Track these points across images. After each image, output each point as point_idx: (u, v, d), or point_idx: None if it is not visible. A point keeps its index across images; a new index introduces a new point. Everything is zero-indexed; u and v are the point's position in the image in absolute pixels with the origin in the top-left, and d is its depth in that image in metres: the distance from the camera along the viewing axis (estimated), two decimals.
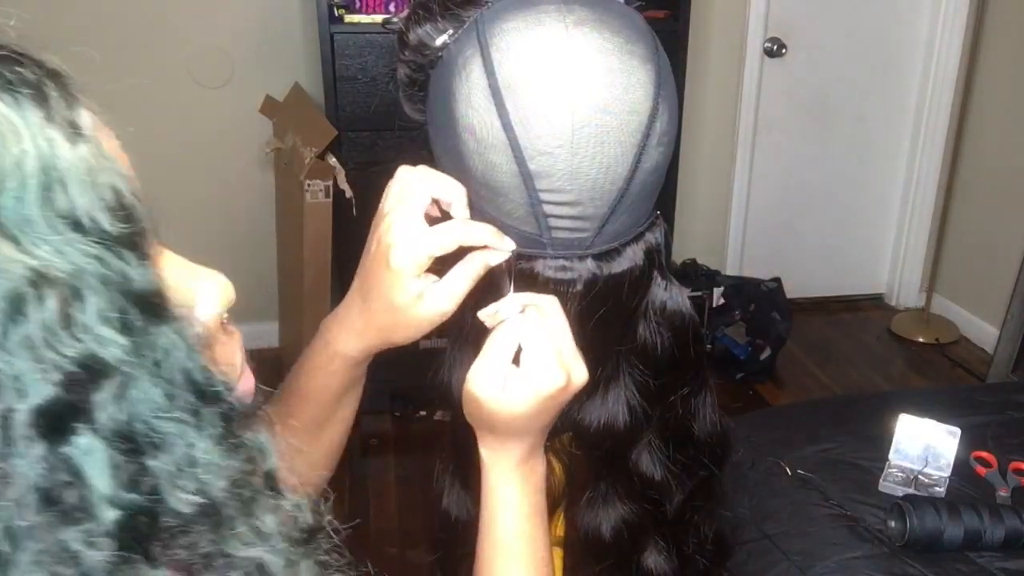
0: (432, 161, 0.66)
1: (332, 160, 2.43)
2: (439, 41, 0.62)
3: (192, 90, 2.86)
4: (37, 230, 0.35)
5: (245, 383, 0.48)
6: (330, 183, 2.42)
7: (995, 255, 3.19)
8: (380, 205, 0.64)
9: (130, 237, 0.37)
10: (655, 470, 0.71)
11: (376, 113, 2.47)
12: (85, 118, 0.39)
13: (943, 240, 3.41)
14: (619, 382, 0.68)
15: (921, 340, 3.35)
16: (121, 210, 0.37)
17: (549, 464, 0.73)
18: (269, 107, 2.77)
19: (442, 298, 0.62)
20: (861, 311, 3.65)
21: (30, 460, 0.34)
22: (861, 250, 3.68)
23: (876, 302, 3.72)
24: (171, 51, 2.81)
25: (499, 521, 0.65)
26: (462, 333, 0.68)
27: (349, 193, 2.44)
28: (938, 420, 1.63)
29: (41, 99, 0.37)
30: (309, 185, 2.40)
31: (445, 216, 0.64)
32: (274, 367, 3.01)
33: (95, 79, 0.43)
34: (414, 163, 0.65)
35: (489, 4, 0.61)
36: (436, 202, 0.64)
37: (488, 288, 0.63)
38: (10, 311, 0.34)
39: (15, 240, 0.34)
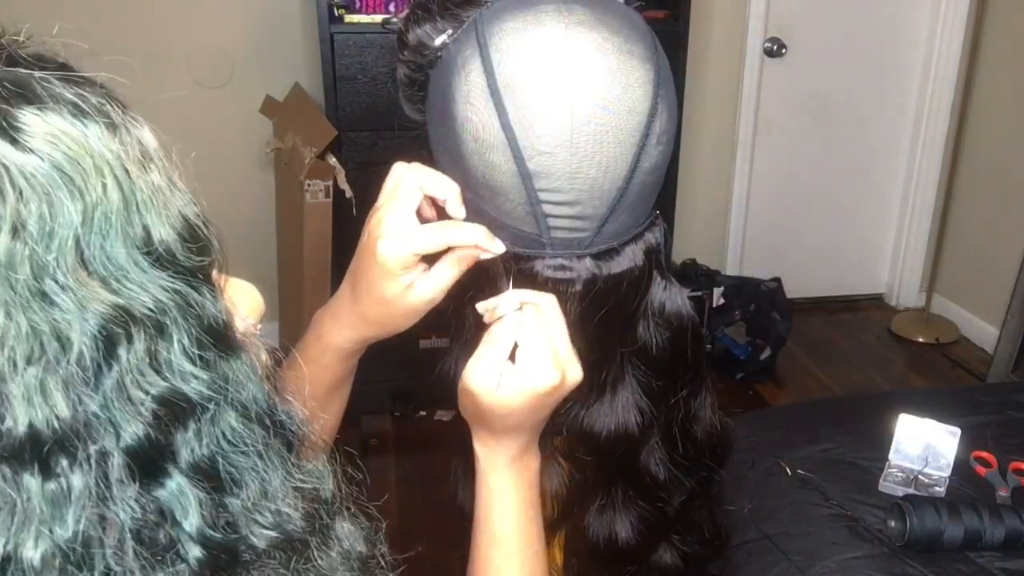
0: (432, 161, 0.66)
1: (332, 160, 2.43)
2: (438, 41, 0.62)
3: (192, 90, 2.86)
4: (121, 268, 0.34)
5: None
6: (330, 183, 2.42)
7: (995, 255, 3.19)
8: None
9: (205, 269, 0.37)
10: (660, 470, 0.71)
11: (376, 113, 2.46)
12: (149, 139, 0.38)
13: (943, 240, 3.41)
14: (625, 384, 0.68)
15: (921, 340, 3.35)
16: (195, 241, 0.37)
17: (562, 468, 0.73)
18: (269, 107, 2.77)
19: (430, 287, 0.63)
20: (861, 311, 3.65)
21: (127, 503, 0.34)
22: (861, 250, 3.68)
23: (876, 302, 3.72)
24: (171, 51, 2.81)
25: (494, 516, 0.66)
26: (464, 330, 0.68)
27: (349, 193, 2.44)
28: (938, 420, 1.63)
29: (112, 127, 0.36)
30: (309, 185, 2.39)
31: (443, 216, 0.64)
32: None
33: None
34: (412, 161, 0.65)
35: (488, 4, 0.61)
36: (432, 200, 0.65)
37: (486, 286, 0.63)
38: (104, 352, 0.33)
39: (102, 279, 0.34)
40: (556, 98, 0.57)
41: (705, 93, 3.24)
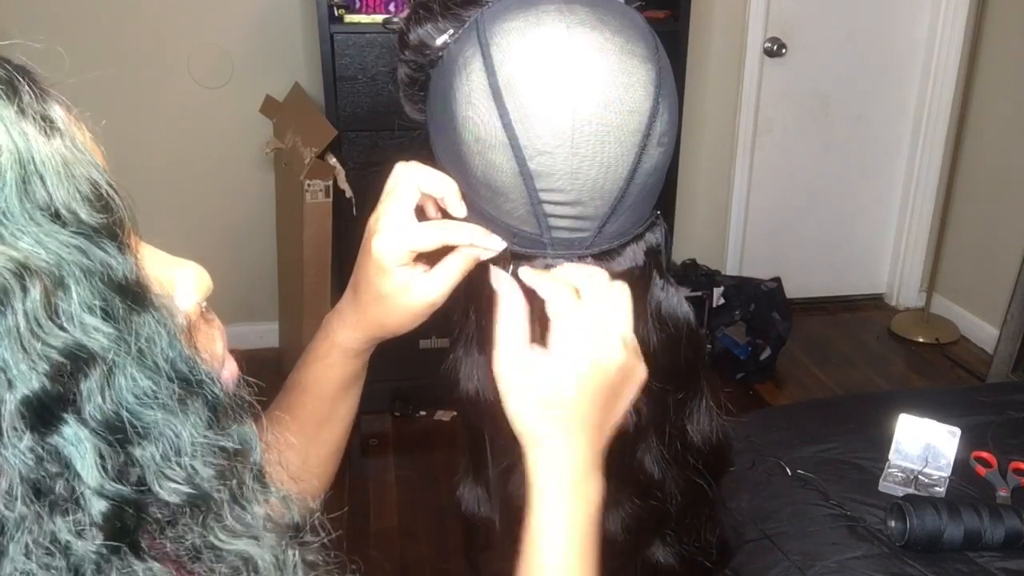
0: (432, 161, 0.66)
1: (332, 160, 2.43)
2: (439, 41, 0.62)
3: (192, 90, 2.86)
4: (17, 222, 0.35)
5: (229, 371, 0.49)
6: (330, 183, 2.42)
7: (995, 255, 3.19)
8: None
9: (109, 227, 0.38)
10: (655, 469, 0.71)
11: (376, 113, 2.46)
12: (57, 111, 0.39)
13: (943, 240, 3.41)
14: None
15: (921, 340, 3.35)
16: (99, 200, 0.38)
17: None
18: (269, 107, 2.77)
19: (431, 288, 0.63)
20: (861, 311, 3.65)
21: (19, 451, 0.34)
22: (861, 250, 3.68)
23: (876, 302, 3.72)
24: (171, 51, 2.81)
25: (545, 549, 0.59)
26: (467, 331, 0.68)
27: (349, 193, 2.44)
28: (938, 420, 1.63)
29: (12, 94, 0.37)
30: (309, 185, 2.39)
31: (447, 217, 0.64)
32: (274, 367, 3.01)
33: (89, 76, 0.42)
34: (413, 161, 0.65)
35: (489, 4, 0.61)
36: (434, 199, 0.65)
37: (489, 287, 0.63)
38: None
39: None
40: (557, 98, 0.57)
41: (705, 93, 3.24)
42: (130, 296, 0.38)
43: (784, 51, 3.25)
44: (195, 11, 2.79)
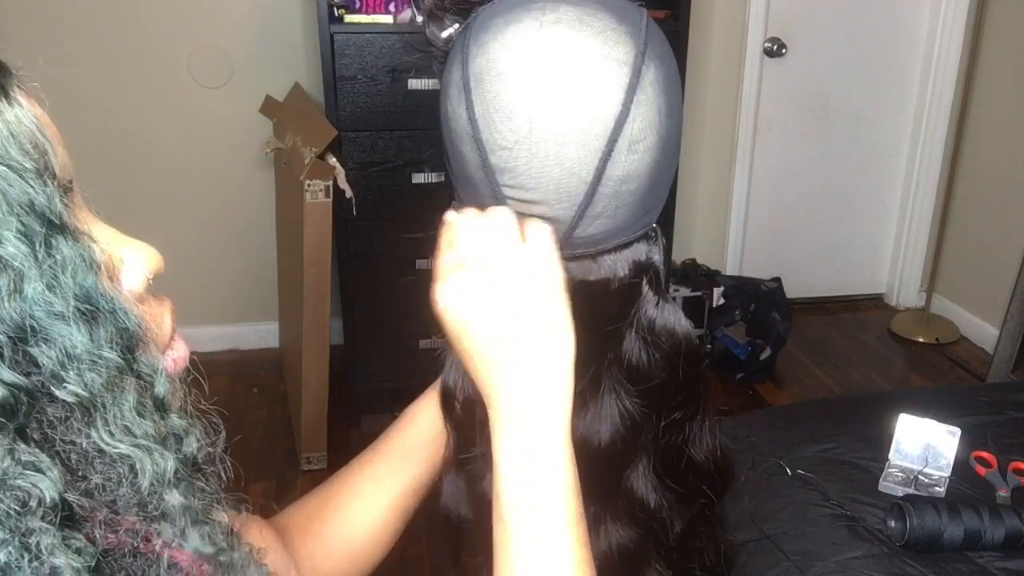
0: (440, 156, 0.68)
1: (332, 160, 2.43)
2: (444, 35, 0.64)
3: (192, 90, 2.86)
4: None
5: (178, 353, 0.51)
6: (330, 183, 2.42)
7: (995, 255, 3.19)
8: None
9: (37, 169, 0.41)
10: (649, 495, 0.69)
11: (376, 113, 2.46)
12: (16, 91, 0.43)
13: (943, 240, 3.41)
14: (600, 398, 0.66)
15: (921, 340, 3.35)
16: (32, 146, 0.41)
17: None
18: (269, 107, 2.77)
19: None
20: (861, 311, 3.65)
21: None
22: (861, 250, 3.68)
23: (876, 302, 3.72)
24: (171, 51, 2.81)
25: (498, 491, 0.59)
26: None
27: (349, 193, 2.44)
28: (938, 420, 1.63)
29: None
30: (309, 185, 2.39)
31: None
32: (274, 367, 3.01)
33: (88, 75, 0.44)
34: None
35: (493, 2, 0.62)
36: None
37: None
38: None
39: None
40: (518, 95, 0.57)
41: (705, 93, 3.24)
42: (47, 224, 0.41)
43: (784, 51, 3.25)
44: (195, 11, 2.79)
